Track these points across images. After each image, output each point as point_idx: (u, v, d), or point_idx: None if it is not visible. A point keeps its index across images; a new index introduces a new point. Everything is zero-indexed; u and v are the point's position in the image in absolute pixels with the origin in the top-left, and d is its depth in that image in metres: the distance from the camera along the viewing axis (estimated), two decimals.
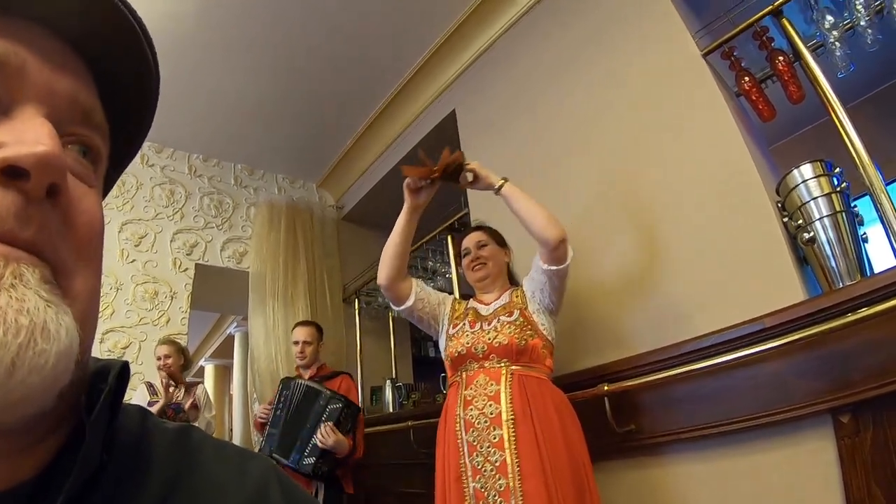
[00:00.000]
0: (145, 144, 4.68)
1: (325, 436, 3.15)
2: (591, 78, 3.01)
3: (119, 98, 0.51)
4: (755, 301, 2.01)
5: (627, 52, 2.83)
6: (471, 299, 2.51)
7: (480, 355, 2.19)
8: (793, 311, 1.80)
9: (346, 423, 3.28)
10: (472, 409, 2.10)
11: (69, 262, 0.40)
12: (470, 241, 2.51)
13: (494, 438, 2.00)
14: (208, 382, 11.25)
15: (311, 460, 3.17)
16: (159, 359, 3.84)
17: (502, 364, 2.14)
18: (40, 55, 0.43)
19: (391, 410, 4.58)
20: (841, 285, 1.92)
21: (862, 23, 2.21)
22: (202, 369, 11.59)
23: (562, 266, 2.13)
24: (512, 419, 2.00)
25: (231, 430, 9.70)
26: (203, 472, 0.52)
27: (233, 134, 5.05)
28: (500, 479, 1.93)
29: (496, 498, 1.92)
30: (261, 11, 3.68)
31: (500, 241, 2.52)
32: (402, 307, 2.44)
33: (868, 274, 1.93)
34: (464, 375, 2.21)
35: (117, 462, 0.47)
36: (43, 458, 0.42)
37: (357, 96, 4.69)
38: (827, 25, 2.29)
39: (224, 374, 11.61)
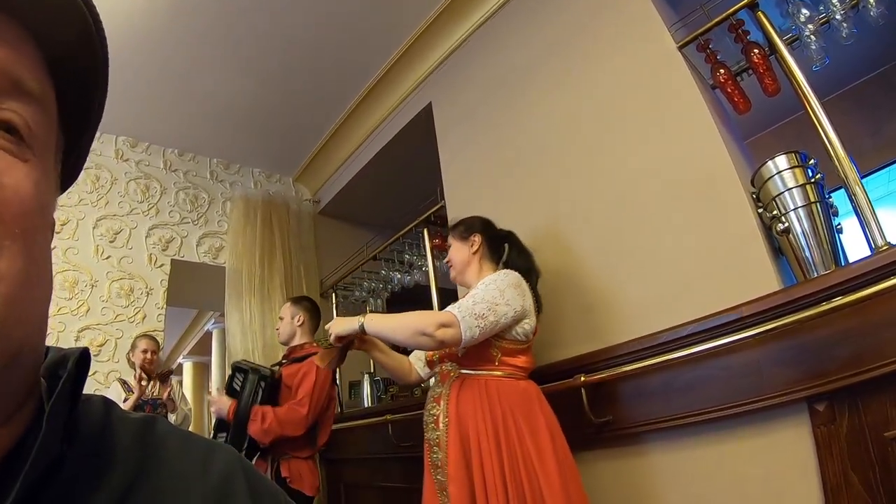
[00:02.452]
0: (120, 139, 4.67)
1: (211, 400, 3.01)
2: (567, 71, 3.01)
3: (69, 70, 0.49)
4: (730, 292, 2.01)
5: (603, 45, 2.83)
6: None
7: (436, 360, 2.33)
8: (769, 299, 1.81)
9: (250, 391, 3.06)
10: (428, 409, 2.26)
11: None
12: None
13: (436, 438, 2.15)
14: (186, 380, 11.20)
15: (223, 435, 3.02)
16: (145, 352, 3.81)
17: (451, 367, 2.25)
18: None
19: (368, 405, 4.57)
20: (815, 275, 1.94)
21: (837, 16, 2.23)
22: (180, 367, 11.52)
23: (462, 345, 2.09)
24: (446, 422, 2.12)
25: (211, 430, 9.63)
26: (167, 463, 0.51)
27: (208, 128, 5.00)
28: (440, 476, 2.09)
29: (445, 492, 2.04)
30: (235, 5, 3.64)
31: (463, 234, 2.51)
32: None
33: (842, 264, 1.95)
34: (437, 376, 2.37)
35: (78, 453, 0.46)
36: (2, 447, 0.41)
37: (333, 90, 4.66)
38: (802, 19, 2.30)
39: (202, 371, 11.55)
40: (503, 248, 2.51)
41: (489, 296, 2.11)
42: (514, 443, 2.00)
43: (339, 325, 2.26)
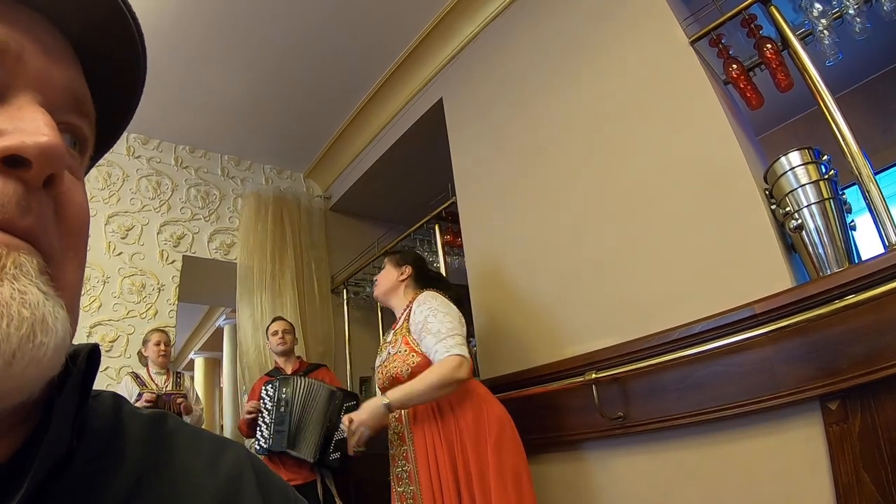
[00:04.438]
0: (131, 136, 4.70)
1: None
2: (578, 66, 3.00)
3: (105, 90, 0.51)
4: (743, 289, 2.01)
5: (615, 40, 2.82)
6: None
7: (387, 385, 2.50)
8: (783, 297, 1.80)
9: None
10: (392, 427, 2.51)
11: (59, 251, 0.41)
12: None
13: (403, 452, 2.40)
14: (198, 375, 11.22)
15: (338, 455, 3.45)
16: (158, 344, 3.84)
17: None
18: (38, 43, 0.43)
19: None
20: (829, 272, 1.93)
21: (850, 11, 2.21)
22: (192, 362, 11.57)
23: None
24: (411, 436, 2.38)
25: (221, 424, 9.67)
26: (176, 459, 0.51)
27: (219, 125, 5.01)
28: (410, 486, 2.33)
29: (410, 501, 2.31)
30: (244, 1, 3.65)
31: (398, 261, 2.78)
32: None
33: (856, 261, 1.94)
34: None
35: (88, 448, 0.46)
36: (14, 442, 0.41)
37: (344, 86, 4.66)
38: (815, 13, 2.28)
39: (214, 367, 11.58)
40: (433, 287, 2.72)
41: (447, 321, 2.37)
42: (467, 447, 2.22)
43: (369, 418, 2.34)
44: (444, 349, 2.27)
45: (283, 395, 3.50)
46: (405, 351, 2.45)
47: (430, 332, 2.36)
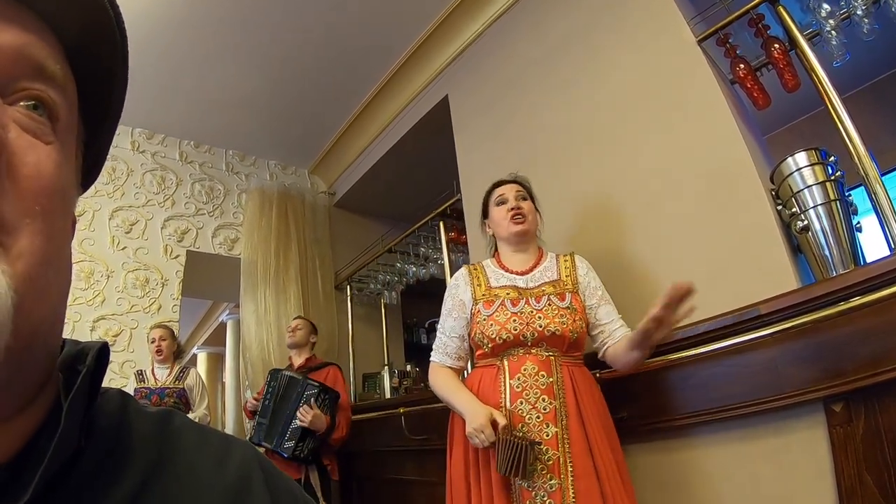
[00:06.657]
0: (136, 131, 4.69)
1: (303, 414, 3.36)
2: (584, 64, 2.99)
3: (88, 62, 0.49)
4: (748, 289, 2.00)
5: (622, 38, 2.81)
6: (491, 265, 2.30)
7: (529, 342, 2.02)
8: (788, 298, 1.79)
9: (324, 407, 3.49)
10: (522, 403, 1.94)
11: (11, 216, 0.38)
12: (508, 189, 2.32)
13: (547, 436, 1.88)
14: (201, 371, 11.25)
15: (291, 444, 3.39)
16: (153, 341, 3.85)
17: (552, 353, 2.01)
18: None
19: (388, 397, 4.59)
20: (834, 274, 1.92)
21: (859, 12, 2.20)
22: (195, 357, 11.60)
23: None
24: (566, 416, 1.91)
25: (223, 420, 9.68)
26: (184, 458, 0.51)
27: (224, 120, 5.02)
28: (551, 480, 1.82)
29: (545, 499, 1.81)
30: None
31: (537, 205, 2.39)
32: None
33: (861, 263, 1.93)
34: (505, 362, 2.04)
35: (96, 446, 0.46)
36: (17, 441, 0.41)
37: (349, 82, 4.66)
38: (823, 14, 2.27)
39: (216, 361, 11.61)
40: None
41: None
42: (610, 428, 2.01)
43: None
44: (618, 316, 2.08)
45: (271, 388, 3.63)
46: (574, 309, 2.07)
47: (610, 302, 2.15)
